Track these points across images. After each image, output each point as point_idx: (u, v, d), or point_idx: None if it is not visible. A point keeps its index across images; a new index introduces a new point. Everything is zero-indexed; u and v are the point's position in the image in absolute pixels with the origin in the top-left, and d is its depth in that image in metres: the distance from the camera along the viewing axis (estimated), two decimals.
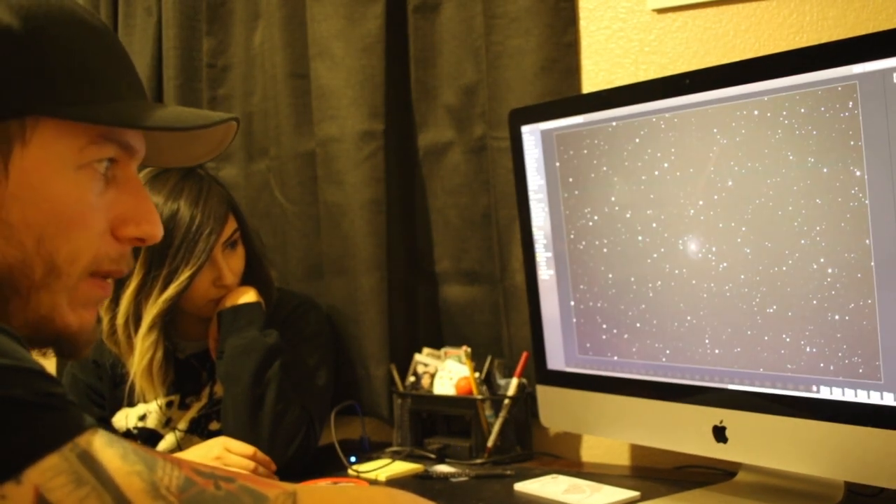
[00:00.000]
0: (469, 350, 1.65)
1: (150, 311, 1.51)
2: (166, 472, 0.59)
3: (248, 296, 1.59)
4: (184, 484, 0.60)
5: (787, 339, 1.16)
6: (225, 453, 1.47)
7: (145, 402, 1.61)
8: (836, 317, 1.10)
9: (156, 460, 0.60)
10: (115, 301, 1.53)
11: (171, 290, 1.50)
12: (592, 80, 1.65)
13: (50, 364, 2.06)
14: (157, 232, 0.76)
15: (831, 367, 1.12)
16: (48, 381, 0.58)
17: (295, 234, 1.92)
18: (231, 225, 1.58)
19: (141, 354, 1.53)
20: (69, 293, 0.70)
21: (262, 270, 1.65)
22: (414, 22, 1.79)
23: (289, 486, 0.66)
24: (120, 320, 1.53)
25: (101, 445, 0.58)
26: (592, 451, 1.67)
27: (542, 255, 1.47)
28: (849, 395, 1.10)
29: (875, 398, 1.08)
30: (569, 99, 1.57)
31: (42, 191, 0.68)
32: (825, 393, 1.12)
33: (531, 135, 1.46)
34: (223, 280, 1.56)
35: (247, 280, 1.62)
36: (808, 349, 1.14)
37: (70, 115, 0.68)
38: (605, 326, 1.38)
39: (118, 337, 1.55)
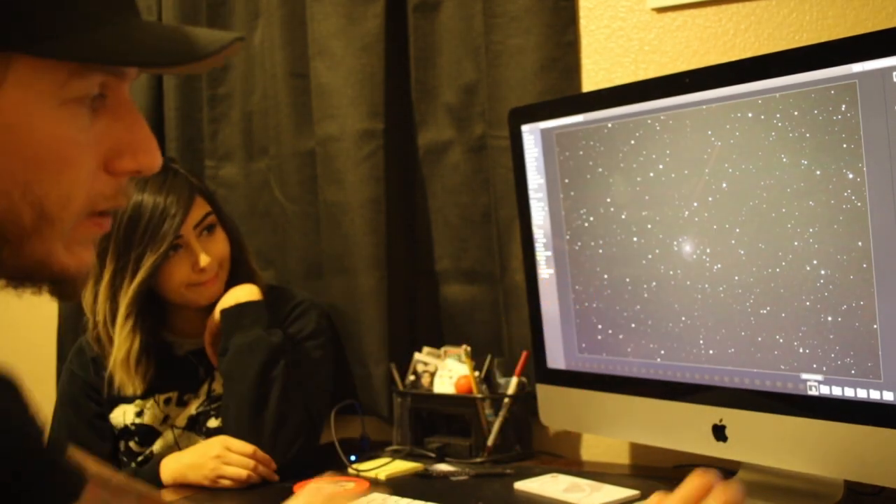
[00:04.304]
0: (469, 349, 1.65)
1: (123, 301, 1.52)
2: None
3: (252, 294, 1.59)
4: None
5: (781, 340, 1.16)
6: (225, 452, 1.48)
7: (123, 394, 1.61)
8: (829, 318, 1.10)
9: None
10: (95, 298, 1.54)
11: (140, 275, 1.51)
12: (592, 79, 1.64)
13: (49, 349, 2.07)
14: (155, 162, 0.68)
15: (823, 368, 1.12)
16: (31, 455, 0.56)
17: (295, 234, 1.92)
18: (201, 208, 1.57)
19: (118, 345, 1.54)
20: (64, 237, 0.65)
21: (245, 260, 1.65)
22: (414, 21, 1.78)
23: None
24: (100, 317, 1.54)
25: None
26: (592, 449, 1.67)
27: (542, 254, 1.47)
28: (849, 394, 1.10)
29: (875, 396, 1.08)
30: (569, 98, 1.57)
31: (23, 135, 0.61)
32: (825, 391, 1.12)
33: (531, 134, 1.46)
34: (200, 264, 1.55)
35: (232, 271, 1.62)
36: (801, 350, 1.14)
37: (47, 52, 0.61)
38: (600, 327, 1.38)
39: (99, 332, 1.56)
